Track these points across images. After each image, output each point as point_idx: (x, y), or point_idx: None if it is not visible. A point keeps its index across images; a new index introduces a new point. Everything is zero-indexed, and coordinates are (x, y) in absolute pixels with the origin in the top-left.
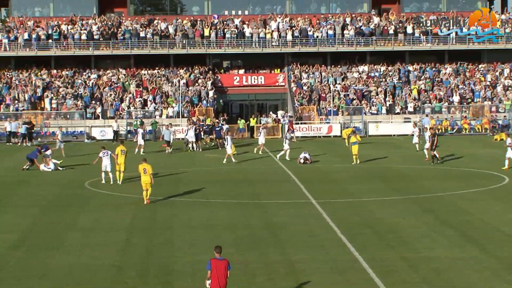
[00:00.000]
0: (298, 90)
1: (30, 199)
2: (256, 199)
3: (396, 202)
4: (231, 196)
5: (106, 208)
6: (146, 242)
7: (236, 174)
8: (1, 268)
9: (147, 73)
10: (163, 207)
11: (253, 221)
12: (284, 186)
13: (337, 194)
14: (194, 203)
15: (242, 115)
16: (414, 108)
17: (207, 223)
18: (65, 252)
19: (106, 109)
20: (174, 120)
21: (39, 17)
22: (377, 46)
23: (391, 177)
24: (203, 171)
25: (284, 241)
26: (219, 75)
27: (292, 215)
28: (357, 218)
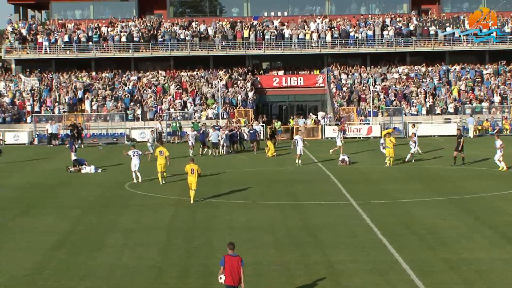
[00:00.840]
0: (337, 91)
1: (72, 200)
2: (295, 200)
3: (436, 203)
4: (270, 197)
5: (146, 209)
6: (186, 243)
7: (275, 175)
8: (43, 269)
9: (186, 75)
10: (203, 208)
11: (293, 222)
12: (323, 187)
13: (377, 195)
14: (234, 204)
15: (281, 116)
16: (455, 108)
17: (247, 224)
18: (106, 253)
19: (146, 111)
20: (214, 122)
21: (79, 19)
22: (417, 46)
23: (431, 178)
24: (243, 172)
25: (324, 242)
26: (258, 77)
27: (332, 216)
28: (397, 219)
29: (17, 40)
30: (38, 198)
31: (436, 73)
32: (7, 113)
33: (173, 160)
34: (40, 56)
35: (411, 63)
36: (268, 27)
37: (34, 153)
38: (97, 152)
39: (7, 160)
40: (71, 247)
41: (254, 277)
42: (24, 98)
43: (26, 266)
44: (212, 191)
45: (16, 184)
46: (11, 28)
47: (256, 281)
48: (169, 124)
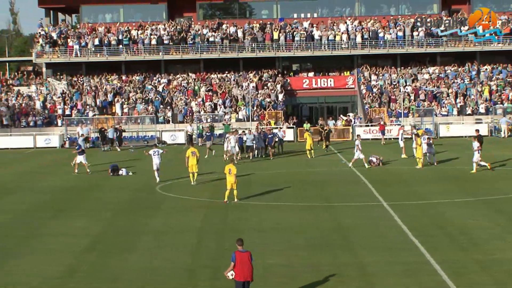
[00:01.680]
0: (368, 92)
1: (103, 203)
2: (326, 201)
3: (468, 203)
4: (301, 198)
5: (177, 211)
6: (217, 245)
7: (305, 176)
8: (75, 271)
9: (216, 77)
10: (234, 210)
11: (324, 223)
12: (354, 188)
13: (408, 196)
14: (264, 206)
15: (311, 118)
16: (486, 109)
17: (277, 226)
18: (137, 255)
19: (176, 114)
20: (244, 124)
21: (109, 23)
22: (447, 47)
23: (462, 179)
24: (273, 174)
25: (355, 243)
26: (288, 78)
27: (363, 217)
28: (429, 219)
29: (47, 44)
30: (70, 201)
31: (467, 74)
32: (38, 116)
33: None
34: (71, 59)
35: (442, 63)
36: (298, 29)
37: (65, 156)
38: (128, 155)
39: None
40: (103, 249)
41: (285, 279)
42: (55, 102)
43: (58, 269)
44: (242, 193)
45: (48, 187)
46: (41, 32)
47: (287, 283)
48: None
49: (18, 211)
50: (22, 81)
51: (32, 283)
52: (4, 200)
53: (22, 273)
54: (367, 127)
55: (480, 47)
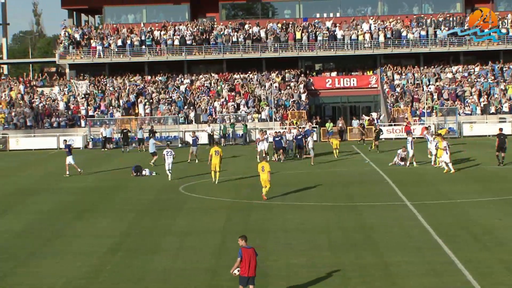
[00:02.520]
0: (390, 92)
1: (127, 204)
2: (350, 201)
3: (492, 203)
4: (324, 198)
5: (200, 211)
6: None
7: (329, 176)
8: (99, 271)
9: (239, 77)
10: (257, 210)
11: (347, 223)
12: (378, 188)
13: (432, 196)
14: (288, 206)
15: (334, 118)
16: (510, 107)
17: (301, 226)
18: (161, 256)
19: (199, 114)
20: (266, 124)
21: (132, 23)
22: (470, 46)
23: (486, 178)
24: (296, 174)
25: (378, 243)
26: (311, 78)
27: (387, 217)
28: (452, 219)
29: (70, 45)
30: (94, 202)
31: (490, 72)
32: (62, 117)
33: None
34: (94, 60)
35: (465, 62)
36: (321, 28)
37: (89, 157)
38: (149, 156)
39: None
40: (127, 250)
41: (309, 279)
42: (78, 103)
43: (82, 269)
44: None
45: (72, 188)
46: (65, 33)
47: (311, 283)
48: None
49: (42, 212)
50: (45, 82)
51: (56, 284)
52: (29, 201)
53: (47, 274)
54: (390, 127)
55: (504, 46)
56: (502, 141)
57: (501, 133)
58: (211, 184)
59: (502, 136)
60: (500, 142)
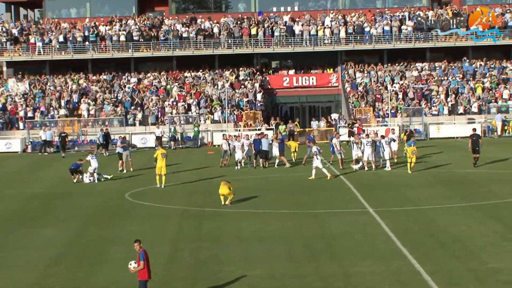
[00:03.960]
0: (352, 91)
1: (72, 211)
2: (310, 208)
3: (461, 209)
4: (282, 205)
5: (149, 219)
6: (193, 256)
7: (288, 182)
8: (41, 286)
9: (190, 76)
10: (210, 217)
11: (307, 231)
12: (339, 194)
13: (396, 202)
14: (243, 214)
15: (293, 119)
16: (479, 108)
17: (257, 234)
18: (108, 267)
19: (147, 115)
20: (219, 125)
21: (74, 18)
22: (437, 42)
23: (455, 183)
24: (252, 179)
25: (340, 252)
26: (267, 76)
27: (348, 224)
28: (419, 227)
29: (8, 41)
30: (36, 210)
31: (458, 70)
32: None
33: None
34: (33, 57)
35: (431, 59)
36: (277, 23)
37: (28, 162)
38: None
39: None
40: (71, 261)
41: None
42: (17, 103)
43: (24, 282)
44: (219, 200)
45: (11, 195)
46: (1, 28)
47: None
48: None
49: None
50: None
51: None
52: None
53: None
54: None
55: (473, 42)
56: (475, 143)
57: (474, 134)
58: (159, 190)
59: (475, 137)
60: (473, 143)
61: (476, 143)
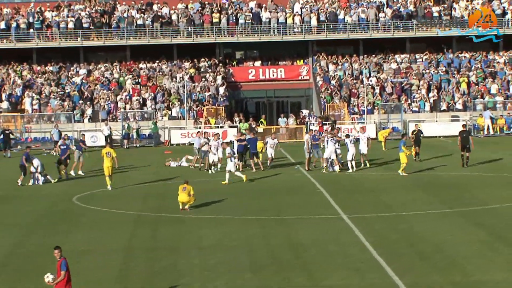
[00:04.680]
0: (324, 85)
1: (13, 217)
2: (277, 214)
3: (443, 215)
4: (247, 210)
5: (99, 226)
6: (148, 267)
7: (252, 184)
8: None
9: (146, 67)
10: (167, 224)
11: (274, 240)
12: (309, 198)
13: (372, 207)
14: (203, 220)
15: (259, 115)
16: (464, 104)
17: (219, 243)
18: None
19: (97, 110)
20: (178, 122)
21: (18, 2)
22: (418, 31)
23: (436, 186)
24: (214, 181)
25: (310, 263)
26: (231, 68)
27: (319, 232)
28: (397, 235)
29: None
30: None
31: (441, 63)
32: None
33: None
34: None
35: (412, 51)
36: (242, 10)
37: None
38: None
39: None
40: (12, 273)
41: None
42: None
43: None
44: (177, 204)
45: None
46: None
47: None
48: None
49: None
50: None
51: None
52: None
53: None
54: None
55: (457, 32)
56: (465, 140)
57: (464, 130)
58: (111, 193)
59: (465, 134)
60: (462, 140)
61: (466, 140)
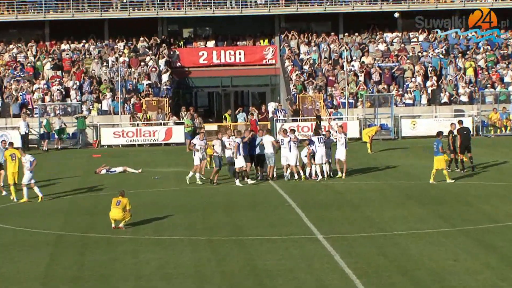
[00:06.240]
0: (295, 71)
1: None
2: (234, 233)
3: (443, 235)
4: (198, 230)
5: (10, 249)
6: None
7: (205, 196)
8: None
9: (69, 48)
10: (96, 246)
11: (231, 266)
12: (275, 215)
13: (354, 225)
14: (143, 241)
15: (213, 109)
16: (469, 95)
17: (162, 271)
18: None
19: (8, 103)
20: (110, 118)
21: None
22: (412, 4)
23: (434, 198)
24: (157, 192)
25: None
26: (177, 50)
27: (288, 257)
28: (385, 260)
29: None
30: None
31: (441, 43)
32: None
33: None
34: None
35: (405, 28)
36: None
37: None
38: None
39: None
40: None
41: None
42: None
43: None
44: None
45: None
46: None
47: None
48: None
49: None
50: None
51: None
52: None
53: None
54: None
55: (461, 4)
56: (466, 138)
57: (462, 127)
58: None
59: (466, 132)
60: (463, 139)
61: (467, 138)
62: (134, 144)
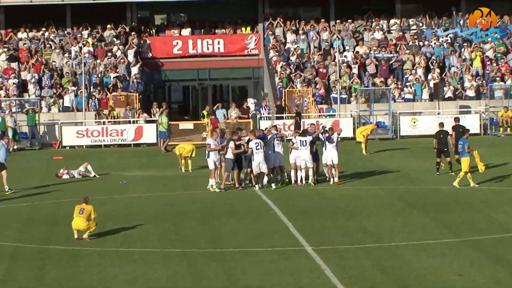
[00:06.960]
0: (280, 62)
1: None
2: (212, 245)
3: (448, 246)
4: (173, 241)
5: None
6: None
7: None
8: None
9: (26, 37)
10: (58, 260)
11: (209, 281)
12: (258, 224)
13: (348, 236)
14: (110, 253)
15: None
16: (476, 90)
17: (132, 287)
18: None
19: None
20: (73, 115)
21: None
22: None
23: (438, 205)
24: (126, 199)
25: None
26: (148, 39)
27: (274, 271)
28: (382, 275)
29: None
30: None
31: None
32: None
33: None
34: None
35: (404, 14)
36: None
37: None
38: None
39: None
40: None
41: None
42: None
43: None
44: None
45: None
46: None
47: None
48: None
49: None
50: None
51: None
52: None
53: None
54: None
55: None
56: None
57: (457, 125)
58: None
59: (461, 129)
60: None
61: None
62: (100, 144)
